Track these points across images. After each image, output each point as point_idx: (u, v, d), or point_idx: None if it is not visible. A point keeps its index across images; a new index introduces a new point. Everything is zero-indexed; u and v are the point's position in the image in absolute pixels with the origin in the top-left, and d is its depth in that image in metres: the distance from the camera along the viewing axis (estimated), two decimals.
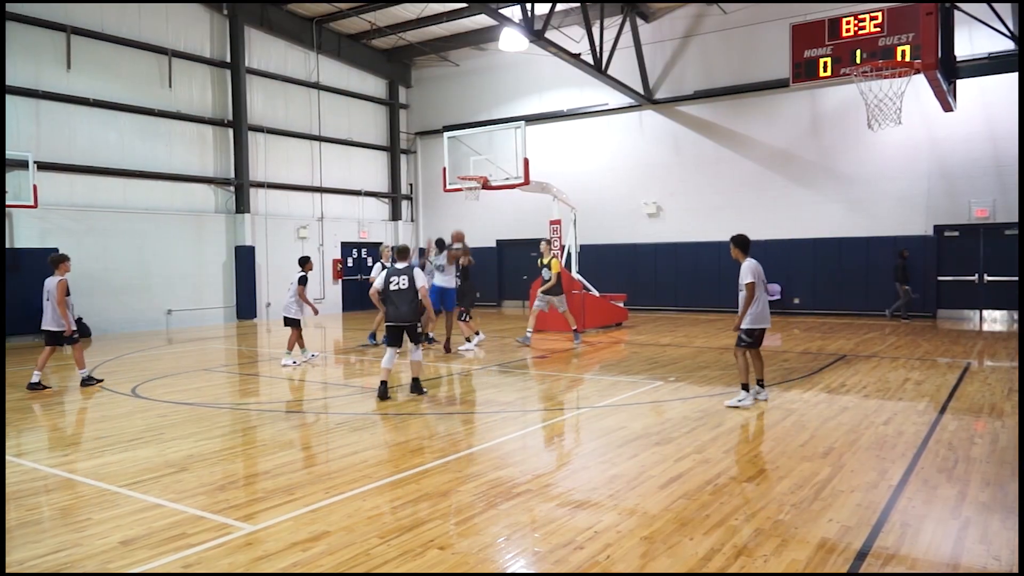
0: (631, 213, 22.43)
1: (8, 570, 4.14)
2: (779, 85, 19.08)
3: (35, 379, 10.20)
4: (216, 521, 4.85)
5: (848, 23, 10.77)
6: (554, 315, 15.00)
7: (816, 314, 19.51)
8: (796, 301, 19.96)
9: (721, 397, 8.71)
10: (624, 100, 22.02)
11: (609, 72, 19.57)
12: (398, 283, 8.98)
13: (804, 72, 11.23)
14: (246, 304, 21.39)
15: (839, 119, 19.10)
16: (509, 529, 4.63)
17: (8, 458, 6.66)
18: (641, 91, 21.30)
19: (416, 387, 9.21)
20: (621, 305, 18.03)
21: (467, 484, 5.55)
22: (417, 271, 9.10)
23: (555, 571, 3.98)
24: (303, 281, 12.52)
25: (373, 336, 14.71)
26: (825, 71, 10.95)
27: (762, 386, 8.36)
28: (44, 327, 10.33)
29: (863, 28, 10.71)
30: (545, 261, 14.39)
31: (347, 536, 4.51)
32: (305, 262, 12.86)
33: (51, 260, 10.57)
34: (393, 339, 9.11)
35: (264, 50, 22.25)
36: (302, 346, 12.73)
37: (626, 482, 5.51)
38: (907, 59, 10.12)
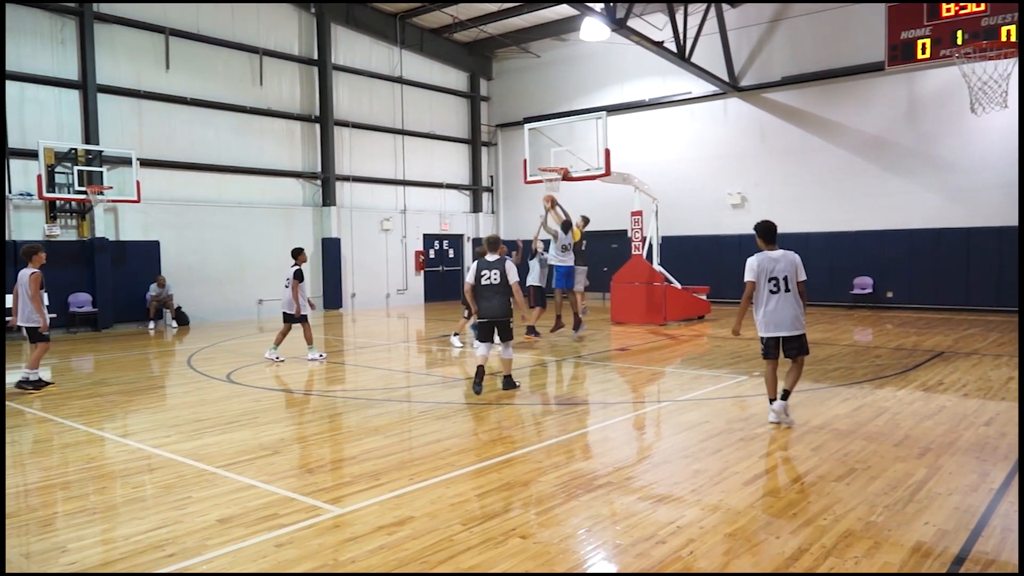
0: (714, 204, 21.96)
1: (119, 544, 4.41)
2: (873, 69, 18.28)
3: (31, 376, 9.54)
4: (306, 503, 5.03)
5: (948, 3, 10.24)
6: (635, 306, 14.80)
7: (911, 308, 18.65)
8: (889, 295, 19.14)
9: (808, 394, 8.46)
10: (708, 88, 21.55)
11: (693, 60, 19.17)
12: (489, 277, 8.63)
13: (900, 55, 10.77)
14: (332, 294, 22.03)
15: (938, 104, 18.15)
16: (590, 521, 4.63)
17: (115, 438, 7.09)
18: (726, 78, 20.79)
19: (508, 383, 8.84)
20: (703, 298, 17.70)
21: (548, 475, 5.58)
22: (509, 264, 8.70)
23: (637, 564, 3.97)
24: (299, 276, 11.71)
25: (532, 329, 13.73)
26: (923, 53, 10.47)
27: (785, 398, 6.98)
28: (20, 323, 9.50)
29: (964, 8, 10.17)
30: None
31: (431, 522, 4.61)
32: (298, 253, 11.99)
33: (24, 251, 9.75)
34: (484, 335, 8.80)
35: (350, 47, 22.78)
36: (309, 342, 11.96)
37: (709, 477, 5.43)
38: (1012, 39, 9.54)
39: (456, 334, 13.45)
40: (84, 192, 16.39)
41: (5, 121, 14.05)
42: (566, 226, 13.62)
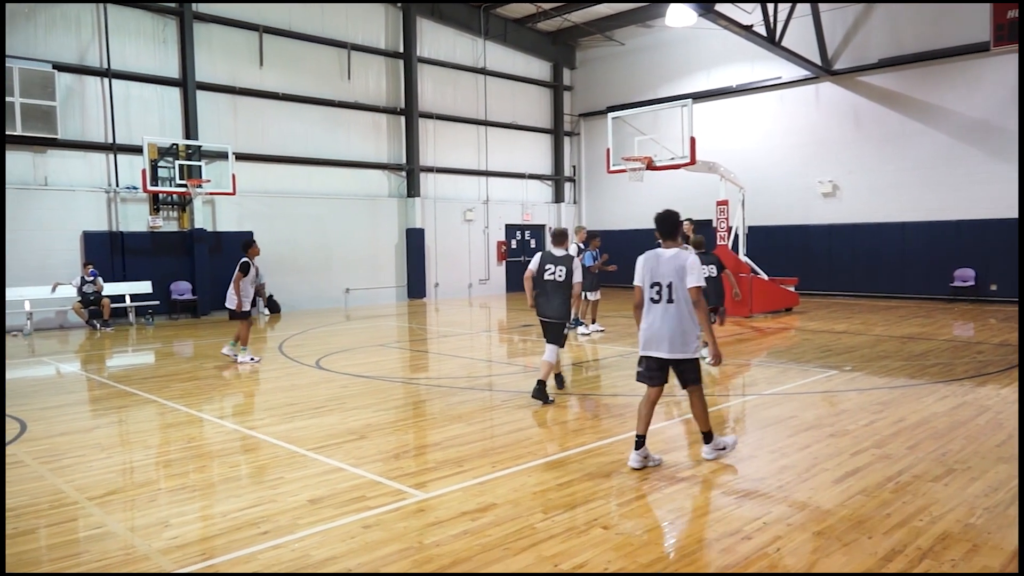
0: (804, 192, 21.23)
1: (217, 520, 4.64)
2: (977, 50, 17.28)
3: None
4: (391, 487, 5.17)
5: None
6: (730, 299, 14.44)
7: (1017, 303, 17.58)
8: (993, 288, 18.08)
9: (904, 390, 8.11)
10: (799, 72, 20.82)
11: (783, 43, 18.56)
12: (554, 272, 7.78)
13: (1007, 34, 10.13)
14: (416, 284, 22.44)
15: None
16: (673, 514, 4.59)
17: (213, 419, 7.45)
18: (818, 62, 20.03)
19: (539, 391, 7.72)
20: (792, 290, 17.18)
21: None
22: (576, 263, 7.90)
23: (721, 560, 3.91)
24: (245, 268, 10.62)
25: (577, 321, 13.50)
26: None
27: (707, 441, 5.65)
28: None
29: None
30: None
31: (513, 509, 4.66)
32: (249, 246, 10.90)
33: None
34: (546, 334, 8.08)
35: (434, 39, 23.06)
36: (244, 343, 10.95)
37: (797, 474, 5.29)
38: None
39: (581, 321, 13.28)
40: (184, 185, 17.22)
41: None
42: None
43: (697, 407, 5.58)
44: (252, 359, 10.86)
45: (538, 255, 8.03)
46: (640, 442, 5.46)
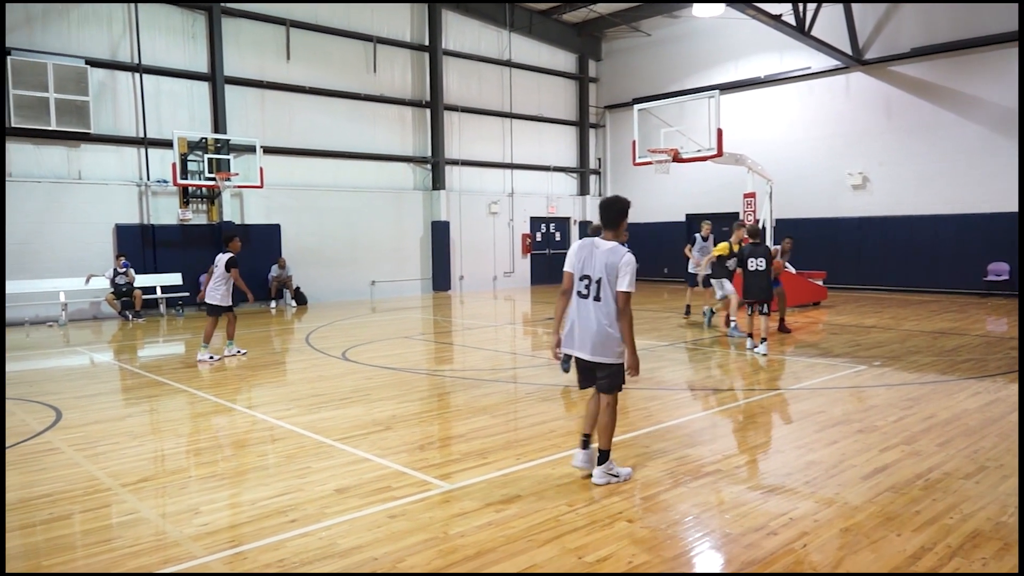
0: (833, 185, 20.95)
1: (246, 508, 4.71)
2: (1013, 38, 16.89)
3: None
4: (417, 478, 5.21)
5: None
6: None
7: None
8: None
9: (935, 386, 7.99)
10: (829, 63, 20.51)
11: (813, 33, 18.29)
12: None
13: None
14: (441, 277, 22.52)
15: None
16: (698, 508, 4.57)
17: (242, 409, 7.55)
18: (849, 51, 19.71)
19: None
20: (820, 283, 16.98)
21: (654, 460, 5.54)
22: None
23: (747, 555, 3.89)
24: (234, 264, 10.41)
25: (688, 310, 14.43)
26: None
27: (602, 461, 5.02)
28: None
29: None
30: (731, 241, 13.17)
31: (538, 502, 4.67)
32: (230, 240, 10.72)
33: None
34: None
35: (459, 31, 23.05)
36: (230, 336, 10.83)
37: (824, 469, 5.24)
38: None
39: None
40: (213, 179, 17.43)
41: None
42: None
43: (605, 419, 4.97)
44: (212, 358, 10.39)
45: (576, 246, 9.11)
46: (586, 442, 5.06)
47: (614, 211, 4.99)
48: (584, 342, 4.89)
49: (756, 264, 10.06)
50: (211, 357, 10.38)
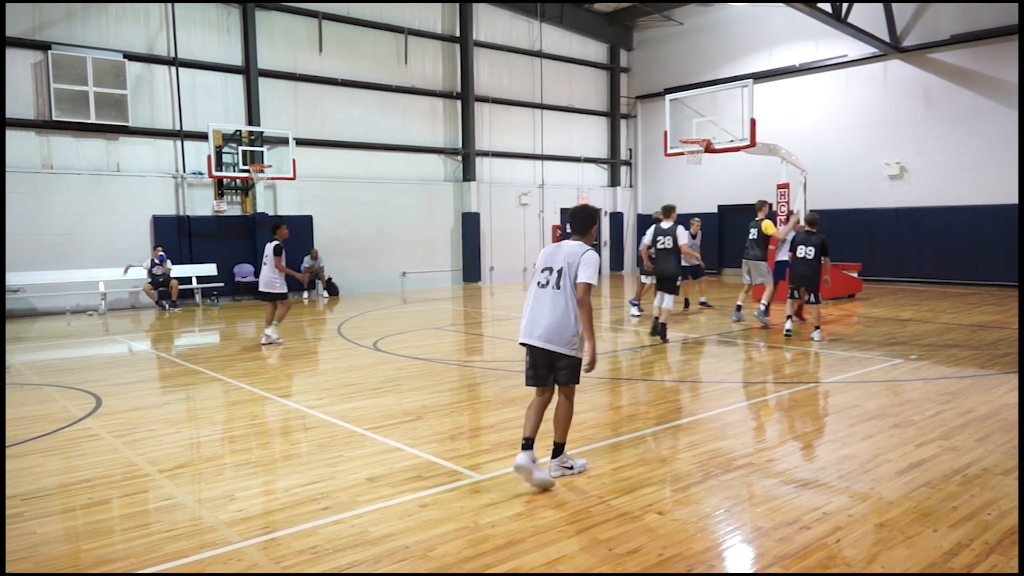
0: (869, 175, 20.58)
1: (279, 495, 4.78)
2: None
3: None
4: (447, 467, 5.24)
5: None
6: (780, 284, 14.17)
7: None
8: None
9: (974, 380, 7.83)
10: (866, 50, 20.13)
11: (849, 20, 17.95)
12: (664, 242, 10.94)
13: None
14: (471, 268, 22.58)
15: None
16: (729, 501, 4.54)
17: (275, 398, 7.65)
18: (886, 39, 19.32)
19: (662, 330, 10.76)
20: (855, 275, 16.71)
21: (685, 453, 5.51)
22: (680, 230, 10.85)
23: (779, 549, 3.86)
24: (279, 251, 10.82)
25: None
26: None
27: (556, 455, 5.09)
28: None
29: None
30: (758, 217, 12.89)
31: (568, 494, 4.68)
32: (277, 228, 11.17)
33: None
34: (661, 287, 11.11)
35: (490, 22, 23.01)
36: (279, 319, 11.17)
37: (859, 464, 5.17)
38: None
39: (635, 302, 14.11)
40: (247, 170, 17.64)
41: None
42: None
43: (561, 411, 4.95)
44: (279, 340, 11.11)
45: (651, 229, 11.33)
46: (527, 444, 4.84)
47: (581, 218, 5.08)
48: (538, 329, 4.88)
49: (805, 252, 10.59)
50: (279, 340, 11.09)
